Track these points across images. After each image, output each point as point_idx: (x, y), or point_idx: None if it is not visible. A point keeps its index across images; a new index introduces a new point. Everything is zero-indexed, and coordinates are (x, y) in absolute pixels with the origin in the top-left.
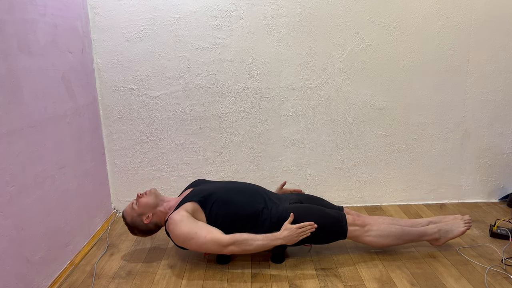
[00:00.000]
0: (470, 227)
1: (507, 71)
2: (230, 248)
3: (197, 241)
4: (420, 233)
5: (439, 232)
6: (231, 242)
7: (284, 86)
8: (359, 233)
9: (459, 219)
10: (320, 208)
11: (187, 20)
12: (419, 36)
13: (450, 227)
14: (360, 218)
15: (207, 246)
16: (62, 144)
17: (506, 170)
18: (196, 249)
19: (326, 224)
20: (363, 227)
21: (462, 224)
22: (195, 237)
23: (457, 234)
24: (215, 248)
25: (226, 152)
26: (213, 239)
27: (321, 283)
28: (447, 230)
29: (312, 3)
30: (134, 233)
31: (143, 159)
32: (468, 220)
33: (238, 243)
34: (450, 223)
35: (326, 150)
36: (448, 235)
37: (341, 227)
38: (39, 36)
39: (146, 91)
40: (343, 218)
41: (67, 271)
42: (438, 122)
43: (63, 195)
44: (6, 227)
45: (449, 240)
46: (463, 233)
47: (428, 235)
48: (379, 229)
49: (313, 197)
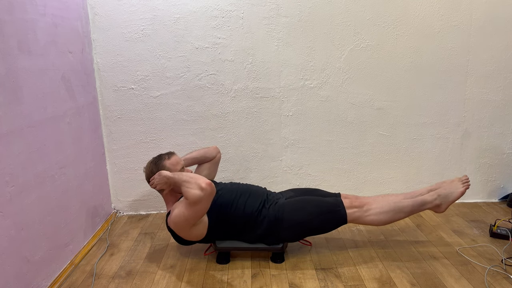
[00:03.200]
0: (468, 186)
1: (507, 71)
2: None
3: (187, 215)
4: (420, 203)
5: (439, 198)
6: (207, 182)
7: (284, 86)
8: (359, 214)
9: (456, 181)
10: (315, 198)
11: (187, 20)
12: (419, 36)
13: (449, 190)
14: (358, 199)
15: (195, 206)
16: (62, 144)
17: (506, 170)
18: (192, 218)
19: (323, 212)
20: (362, 207)
21: (460, 185)
22: (185, 209)
23: (457, 196)
24: (199, 195)
25: (226, 152)
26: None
27: (321, 283)
28: (446, 194)
29: (312, 3)
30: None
31: (143, 159)
32: (465, 179)
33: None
34: (448, 186)
35: (326, 150)
36: (449, 198)
37: (339, 211)
38: (39, 36)
39: (146, 91)
40: (340, 203)
41: (67, 271)
42: (438, 122)
43: (63, 195)
44: (6, 227)
45: (450, 204)
46: (462, 193)
47: (428, 202)
48: (379, 206)
49: (309, 189)
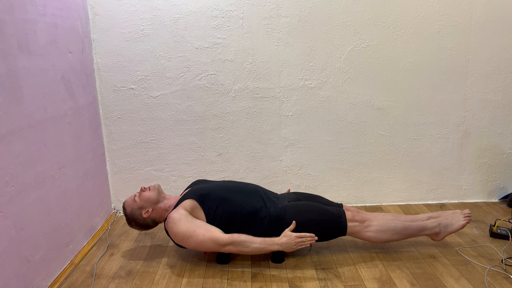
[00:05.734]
0: (470, 220)
1: (507, 71)
2: (227, 248)
3: (195, 240)
4: (420, 228)
5: (439, 226)
6: (229, 242)
7: (284, 86)
8: (358, 228)
9: (458, 213)
10: (319, 205)
11: (187, 20)
12: (419, 36)
13: (450, 221)
14: (360, 214)
15: (205, 244)
16: (62, 144)
17: (506, 170)
18: (194, 247)
19: (325, 220)
20: (363, 222)
21: (462, 218)
22: (193, 235)
23: (457, 228)
24: (212, 247)
25: (226, 152)
26: (211, 238)
27: (321, 283)
28: (447, 224)
29: (312, 3)
30: (131, 225)
31: (143, 159)
32: (467, 214)
33: (236, 244)
34: (450, 217)
35: (326, 150)
36: (448, 229)
37: (340, 223)
38: (39, 36)
39: (146, 91)
40: (343, 214)
41: (67, 271)
42: (438, 122)
43: (63, 195)
44: (6, 227)
45: (449, 235)
46: (463, 226)
47: (428, 229)
48: (379, 224)
49: (312, 195)
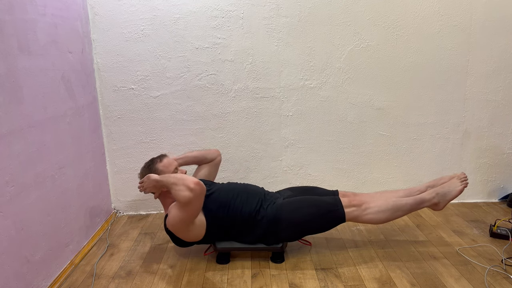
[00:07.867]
0: (467, 184)
1: (507, 71)
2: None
3: (181, 212)
4: (418, 201)
5: (437, 196)
6: (195, 181)
7: (284, 86)
8: (357, 213)
9: (455, 179)
10: (314, 198)
11: (187, 20)
12: (419, 36)
13: (448, 189)
14: (357, 198)
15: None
16: (62, 144)
17: (506, 170)
18: (187, 218)
19: (322, 212)
20: (360, 206)
21: (459, 183)
22: (178, 210)
23: (455, 194)
24: (187, 195)
25: (226, 152)
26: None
27: (321, 283)
28: (444, 192)
29: (312, 3)
30: (142, 169)
31: (143, 159)
32: (464, 177)
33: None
34: (447, 184)
35: (326, 150)
36: (447, 197)
37: (337, 211)
38: (39, 36)
39: (146, 91)
40: (338, 202)
41: (67, 271)
42: (438, 122)
43: (63, 195)
44: (6, 227)
45: (448, 202)
46: (461, 192)
47: (426, 201)
48: (377, 205)
49: (308, 188)
